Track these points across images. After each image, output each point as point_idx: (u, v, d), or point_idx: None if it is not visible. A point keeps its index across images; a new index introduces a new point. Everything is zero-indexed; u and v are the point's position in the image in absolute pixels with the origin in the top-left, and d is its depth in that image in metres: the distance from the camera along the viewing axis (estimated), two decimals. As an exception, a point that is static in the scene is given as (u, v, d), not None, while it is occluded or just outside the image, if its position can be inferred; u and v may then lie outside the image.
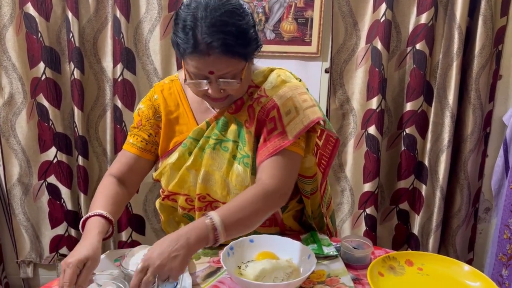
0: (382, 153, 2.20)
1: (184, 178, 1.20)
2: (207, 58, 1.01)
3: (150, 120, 1.24)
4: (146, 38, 2.12)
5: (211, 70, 1.03)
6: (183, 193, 1.22)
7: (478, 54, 2.01)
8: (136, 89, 2.14)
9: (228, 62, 1.03)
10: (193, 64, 1.03)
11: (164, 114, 1.23)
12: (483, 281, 1.05)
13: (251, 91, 1.20)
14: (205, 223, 0.96)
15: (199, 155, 1.18)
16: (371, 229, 2.23)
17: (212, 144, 1.17)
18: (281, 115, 1.14)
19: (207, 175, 1.18)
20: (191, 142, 1.19)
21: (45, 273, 2.43)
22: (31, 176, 2.23)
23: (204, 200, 1.21)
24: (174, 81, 1.27)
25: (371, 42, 2.07)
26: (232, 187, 1.18)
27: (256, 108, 1.17)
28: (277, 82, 1.20)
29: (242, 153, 1.17)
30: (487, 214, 2.34)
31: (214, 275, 1.10)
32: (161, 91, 1.25)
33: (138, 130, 1.25)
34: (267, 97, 1.17)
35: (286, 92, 1.17)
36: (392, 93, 2.16)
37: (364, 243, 1.20)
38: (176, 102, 1.24)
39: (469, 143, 2.12)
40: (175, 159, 1.19)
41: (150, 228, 2.34)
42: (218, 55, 1.00)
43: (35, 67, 2.10)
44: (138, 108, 1.27)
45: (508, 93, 2.16)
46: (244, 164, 1.16)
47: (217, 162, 1.18)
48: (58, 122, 2.16)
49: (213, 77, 1.05)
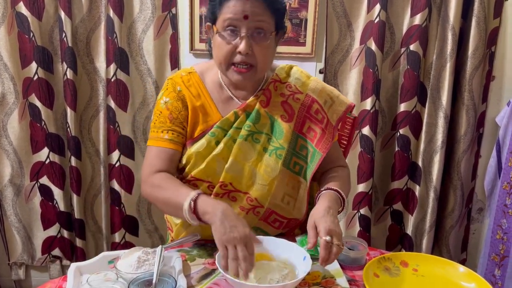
0: (376, 154, 2.20)
1: (211, 166, 1.21)
2: (245, 1, 1.09)
3: (182, 112, 1.24)
4: (140, 38, 2.11)
5: (246, 13, 1.10)
6: (207, 180, 1.23)
7: (472, 55, 2.02)
8: (129, 90, 2.12)
9: (263, 11, 1.11)
10: (229, 9, 1.10)
11: (189, 104, 1.24)
12: (478, 282, 1.05)
13: (277, 86, 1.27)
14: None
15: (228, 145, 1.21)
16: (365, 230, 2.24)
17: (245, 135, 1.21)
18: (321, 105, 1.27)
19: (234, 164, 1.21)
20: (219, 131, 1.22)
21: (37, 275, 2.41)
22: (23, 177, 2.21)
23: (225, 188, 1.23)
24: (192, 73, 1.28)
25: (365, 43, 2.07)
26: (259, 177, 1.22)
27: (293, 105, 1.26)
28: (303, 77, 1.29)
29: (275, 145, 1.23)
30: (480, 215, 2.35)
31: (209, 277, 1.09)
32: (183, 83, 1.26)
33: (172, 125, 1.23)
34: (301, 93, 1.27)
35: (316, 85, 1.29)
36: (386, 94, 2.17)
37: (359, 244, 1.20)
38: (197, 93, 1.25)
39: (463, 144, 2.13)
40: (203, 147, 1.21)
41: (144, 229, 2.33)
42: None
43: (27, 67, 2.08)
44: (164, 102, 1.24)
45: (501, 94, 2.17)
46: (277, 155, 1.23)
47: (247, 152, 1.22)
48: (50, 122, 2.14)
49: (245, 26, 1.11)
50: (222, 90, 1.26)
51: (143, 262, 1.04)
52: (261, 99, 1.25)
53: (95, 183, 2.27)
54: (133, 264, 1.03)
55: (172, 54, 2.14)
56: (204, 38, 2.11)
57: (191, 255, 1.19)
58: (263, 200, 1.23)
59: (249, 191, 1.23)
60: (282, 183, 1.25)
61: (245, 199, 1.24)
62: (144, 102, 2.18)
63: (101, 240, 2.33)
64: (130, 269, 1.02)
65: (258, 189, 1.23)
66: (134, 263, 1.03)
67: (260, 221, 1.27)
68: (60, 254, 2.31)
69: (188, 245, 1.25)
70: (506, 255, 2.06)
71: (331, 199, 1.15)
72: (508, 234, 2.05)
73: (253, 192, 1.23)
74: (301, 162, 1.28)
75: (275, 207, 1.26)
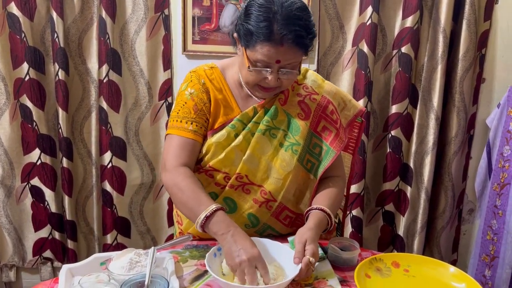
0: (368, 155, 2.21)
1: (229, 157, 1.25)
2: (279, 48, 1.11)
3: (206, 104, 1.27)
4: (132, 39, 2.10)
5: (279, 59, 1.13)
6: (224, 171, 1.26)
7: (462, 57, 2.04)
8: (122, 90, 2.12)
9: (296, 53, 1.14)
10: (263, 52, 1.12)
11: (212, 97, 1.28)
12: (468, 282, 1.06)
13: (294, 86, 1.33)
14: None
15: (247, 138, 1.26)
16: (357, 231, 2.25)
17: (263, 129, 1.26)
18: (335, 107, 1.35)
19: (251, 157, 1.25)
20: (238, 124, 1.26)
21: (28, 277, 2.39)
22: (14, 178, 2.19)
23: (240, 180, 1.26)
24: (214, 68, 1.32)
25: (357, 45, 2.08)
26: (275, 171, 1.26)
27: (310, 104, 1.32)
28: (319, 80, 1.37)
29: (291, 141, 1.28)
30: (471, 215, 2.37)
31: (201, 278, 1.09)
32: (206, 76, 1.29)
33: (196, 116, 1.26)
34: (317, 94, 1.34)
35: (331, 88, 1.37)
36: (378, 96, 2.18)
37: (351, 245, 1.21)
38: (219, 87, 1.30)
39: (453, 145, 2.15)
40: (223, 138, 1.24)
41: (136, 230, 2.32)
42: (290, 46, 1.11)
43: (19, 68, 2.06)
44: (189, 93, 1.27)
45: (491, 96, 2.19)
46: (293, 151, 1.27)
47: (264, 146, 1.26)
48: (42, 123, 2.13)
49: (276, 67, 1.15)
50: (242, 88, 1.30)
51: (135, 263, 1.04)
52: (279, 97, 1.30)
53: (87, 185, 2.26)
54: (125, 266, 1.03)
55: (165, 55, 2.14)
56: (197, 39, 2.11)
57: (183, 256, 1.19)
58: (276, 193, 1.27)
59: (264, 184, 1.27)
60: (295, 178, 1.29)
61: (259, 192, 1.27)
62: (136, 103, 2.17)
63: (92, 241, 2.32)
64: (122, 271, 1.02)
65: (273, 182, 1.26)
66: (126, 264, 1.03)
67: (271, 217, 1.30)
68: (51, 256, 2.29)
69: (180, 246, 1.25)
70: (496, 255, 2.09)
71: (320, 221, 1.18)
72: (498, 235, 2.07)
73: (268, 185, 1.27)
74: (313, 159, 1.32)
75: (287, 202, 1.30)
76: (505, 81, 2.15)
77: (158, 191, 2.31)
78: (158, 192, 2.31)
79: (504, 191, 2.04)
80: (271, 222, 1.31)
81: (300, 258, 1.05)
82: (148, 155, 2.25)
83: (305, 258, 1.05)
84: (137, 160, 2.24)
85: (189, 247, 1.25)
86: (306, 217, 1.21)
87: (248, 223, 1.29)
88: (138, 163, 2.24)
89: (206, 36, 2.11)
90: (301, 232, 1.13)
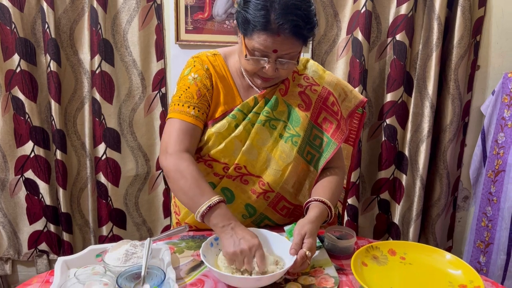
0: (363, 144, 2.21)
1: (229, 147, 1.24)
2: (276, 38, 1.09)
3: (210, 90, 1.26)
4: (124, 29, 2.08)
5: (276, 48, 1.11)
6: (223, 161, 1.25)
7: (457, 44, 2.04)
8: (114, 81, 2.10)
9: (293, 43, 1.12)
10: (259, 41, 1.11)
11: (214, 83, 1.27)
12: (464, 269, 1.07)
13: (294, 77, 1.32)
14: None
15: (247, 128, 1.25)
16: (353, 219, 2.25)
17: (263, 120, 1.25)
18: (336, 98, 1.34)
19: (251, 148, 1.24)
20: (239, 114, 1.25)
21: (24, 270, 2.38)
22: (8, 171, 2.17)
23: (239, 171, 1.26)
24: (217, 56, 1.30)
25: (351, 33, 2.07)
26: (274, 163, 1.26)
27: (311, 95, 1.31)
28: (320, 70, 1.36)
29: (291, 132, 1.27)
30: (466, 203, 2.38)
31: (198, 268, 1.09)
32: (209, 62, 1.28)
33: (199, 102, 1.24)
34: (318, 85, 1.33)
35: (331, 79, 1.36)
36: (372, 84, 2.17)
37: (347, 233, 1.21)
38: (222, 74, 1.28)
39: (448, 133, 2.15)
40: (224, 128, 1.23)
41: (131, 222, 2.32)
42: (287, 36, 1.09)
43: (10, 59, 2.04)
44: (192, 78, 1.25)
45: (486, 83, 2.19)
46: (293, 142, 1.26)
47: (264, 137, 1.25)
48: (34, 115, 2.10)
49: (274, 56, 1.13)
50: (244, 78, 1.29)
51: (131, 255, 1.03)
52: (280, 87, 1.29)
53: (81, 177, 2.25)
54: (121, 257, 1.02)
55: (158, 45, 2.12)
56: (190, 29, 2.09)
57: (179, 247, 1.19)
58: (275, 185, 1.26)
59: (262, 175, 1.26)
60: (295, 170, 1.28)
61: (258, 183, 1.27)
62: (130, 94, 2.15)
63: (88, 233, 2.31)
64: (118, 263, 1.01)
65: (272, 174, 1.26)
66: (122, 256, 1.02)
67: (269, 207, 1.30)
68: (47, 249, 2.29)
69: (177, 237, 1.25)
70: (491, 242, 2.10)
71: (320, 214, 1.17)
72: (493, 221, 2.08)
73: (266, 176, 1.26)
74: (313, 151, 1.31)
75: (285, 193, 1.29)
76: (500, 68, 2.15)
77: (153, 183, 2.30)
78: (153, 184, 2.31)
79: (498, 178, 2.05)
80: (268, 212, 1.31)
81: (297, 250, 1.05)
82: (143, 146, 2.23)
83: (302, 251, 1.04)
84: (132, 151, 2.22)
85: (185, 238, 1.24)
86: (306, 208, 1.21)
87: (245, 213, 1.29)
88: (132, 155, 2.23)
89: (200, 26, 2.09)
90: (302, 223, 1.12)
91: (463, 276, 1.05)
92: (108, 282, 0.93)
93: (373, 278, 1.04)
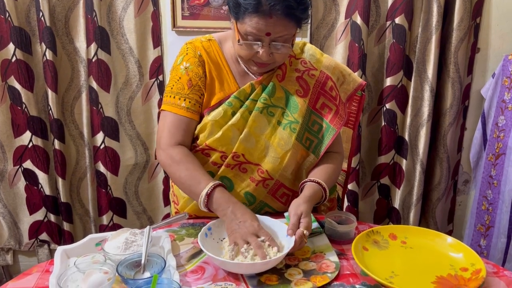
0: (362, 129, 2.20)
1: (226, 135, 1.22)
2: (268, 20, 1.07)
3: (202, 79, 1.24)
4: (120, 16, 2.05)
5: (269, 31, 1.09)
6: (220, 150, 1.24)
7: (457, 27, 2.01)
8: (111, 70, 2.08)
9: (286, 25, 1.09)
10: (251, 24, 1.08)
11: (208, 71, 1.24)
12: (466, 252, 1.06)
13: (291, 61, 1.29)
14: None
15: (244, 116, 1.23)
16: (353, 205, 2.25)
17: (260, 107, 1.23)
18: (335, 82, 1.32)
19: (248, 136, 1.23)
20: (236, 101, 1.23)
21: (26, 260, 2.39)
22: (6, 161, 2.16)
23: (237, 160, 1.24)
24: (211, 41, 1.28)
25: (350, 17, 2.04)
26: (272, 150, 1.24)
27: (309, 80, 1.28)
28: (317, 54, 1.33)
29: (289, 119, 1.25)
30: (466, 186, 2.38)
31: (198, 256, 1.08)
32: (203, 48, 1.25)
33: (190, 92, 1.23)
34: (316, 70, 1.30)
35: (329, 63, 1.33)
36: (372, 69, 2.15)
37: (347, 218, 1.20)
38: (216, 61, 1.26)
39: (448, 117, 2.14)
40: (220, 116, 1.21)
41: (132, 210, 2.31)
42: (280, 17, 1.07)
43: (5, 49, 2.01)
44: (184, 68, 1.24)
45: (486, 66, 2.17)
46: (291, 129, 1.24)
47: (261, 125, 1.24)
48: (31, 105, 2.09)
49: (267, 40, 1.11)
50: (239, 64, 1.27)
51: (131, 243, 1.03)
52: (277, 73, 1.27)
53: (80, 166, 2.24)
54: (120, 246, 1.02)
55: (154, 32, 2.09)
56: (187, 15, 2.06)
57: (179, 234, 1.18)
58: (274, 172, 1.25)
59: (261, 163, 1.25)
60: (294, 157, 1.27)
61: (256, 171, 1.26)
62: (127, 82, 2.14)
63: (88, 223, 2.31)
64: (118, 251, 1.01)
65: (270, 161, 1.24)
66: (122, 244, 1.02)
67: (268, 195, 1.29)
68: (47, 239, 2.29)
69: (177, 225, 1.24)
70: (491, 225, 2.10)
71: (314, 193, 1.18)
72: (494, 204, 2.08)
73: (265, 164, 1.25)
74: (312, 137, 1.30)
75: (284, 180, 1.28)
76: (500, 50, 2.13)
77: (152, 171, 2.30)
78: (152, 172, 2.30)
79: (499, 161, 2.04)
80: (267, 200, 1.30)
81: (294, 231, 1.06)
82: (141, 135, 2.22)
83: (299, 230, 1.05)
84: (130, 140, 2.21)
85: (185, 225, 1.24)
86: (301, 188, 1.21)
87: (245, 201, 1.28)
88: (131, 143, 2.22)
89: (196, 12, 2.06)
90: (296, 203, 1.13)
91: (464, 259, 1.05)
92: (108, 271, 0.93)
93: (374, 262, 1.04)
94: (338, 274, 1.01)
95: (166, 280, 0.89)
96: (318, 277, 0.99)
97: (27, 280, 0.98)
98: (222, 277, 1.00)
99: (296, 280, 0.98)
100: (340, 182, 1.58)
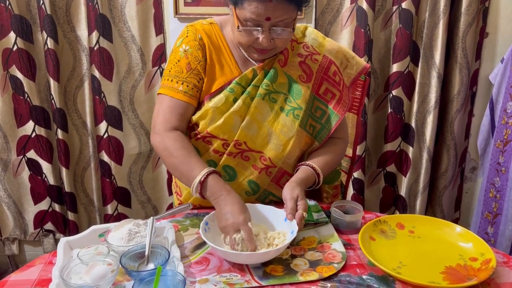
0: (368, 116, 2.17)
1: (228, 123, 1.20)
2: (268, 4, 1.04)
3: (201, 63, 1.21)
4: (122, 4, 2.02)
5: (269, 16, 1.06)
6: (222, 137, 1.21)
7: (465, 11, 1.97)
8: (113, 58, 2.05)
9: (286, 8, 1.06)
10: (251, 9, 1.05)
11: (208, 54, 1.22)
12: (475, 241, 1.04)
13: (293, 46, 1.26)
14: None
15: (246, 103, 1.20)
16: (359, 193, 2.23)
17: (262, 94, 1.20)
18: (338, 66, 1.29)
19: (250, 123, 1.20)
20: (237, 88, 1.20)
21: (31, 249, 2.39)
22: (10, 151, 2.16)
23: (239, 147, 1.22)
24: (213, 25, 1.25)
25: (356, 2, 2.00)
26: (275, 137, 1.22)
27: (312, 65, 1.25)
28: (320, 38, 1.30)
29: (292, 105, 1.22)
30: (473, 174, 2.35)
31: (203, 246, 1.07)
32: (204, 31, 1.22)
33: (188, 76, 1.20)
34: (319, 54, 1.27)
35: (332, 46, 1.30)
36: (378, 55, 2.12)
37: (354, 207, 1.18)
38: (218, 44, 1.23)
39: (456, 103, 2.10)
40: (221, 102, 1.19)
41: (136, 200, 2.31)
42: (279, 0, 1.04)
43: (5, 38, 1.99)
44: (183, 50, 1.21)
45: (495, 51, 2.13)
46: (294, 116, 1.22)
47: (264, 112, 1.21)
48: (34, 94, 2.07)
49: (267, 25, 1.08)
50: (239, 49, 1.23)
51: (135, 234, 1.02)
52: (279, 58, 1.23)
53: (84, 156, 2.23)
54: (124, 237, 1.00)
55: (156, 19, 2.06)
56: (189, 1, 2.03)
57: (184, 225, 1.17)
58: (277, 160, 1.23)
59: (264, 151, 1.23)
60: (298, 144, 1.25)
61: (259, 159, 1.24)
62: (129, 70, 2.11)
63: (93, 212, 2.31)
64: (121, 242, 1.00)
65: (273, 148, 1.22)
66: (125, 235, 1.01)
67: (272, 182, 1.27)
68: (52, 228, 2.29)
69: (181, 215, 1.23)
70: (499, 212, 2.08)
71: (307, 177, 1.19)
72: (501, 192, 2.05)
73: (268, 151, 1.23)
74: (315, 123, 1.28)
75: (288, 167, 1.26)
76: (509, 35, 2.08)
77: (156, 160, 2.28)
78: (156, 161, 2.28)
79: (507, 148, 2.01)
80: (271, 188, 1.28)
81: (293, 215, 1.06)
82: (145, 123, 2.20)
83: (299, 212, 1.06)
84: (134, 129, 2.19)
85: (189, 216, 1.23)
86: (296, 170, 1.21)
87: (249, 190, 1.26)
88: (134, 132, 2.20)
89: (199, -2, 2.03)
90: (291, 187, 1.13)
91: (474, 249, 1.03)
92: (111, 262, 0.92)
93: (382, 252, 1.02)
94: (345, 264, 0.99)
95: (170, 271, 0.88)
96: (324, 267, 0.97)
97: (30, 272, 0.97)
98: (227, 268, 0.98)
99: (302, 271, 0.96)
100: (345, 169, 1.55)
